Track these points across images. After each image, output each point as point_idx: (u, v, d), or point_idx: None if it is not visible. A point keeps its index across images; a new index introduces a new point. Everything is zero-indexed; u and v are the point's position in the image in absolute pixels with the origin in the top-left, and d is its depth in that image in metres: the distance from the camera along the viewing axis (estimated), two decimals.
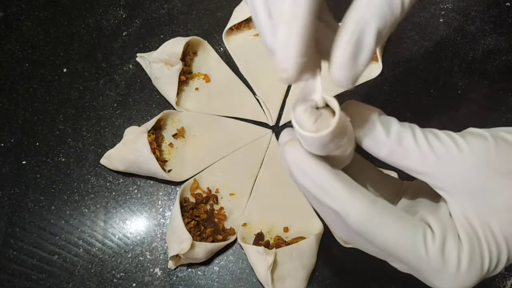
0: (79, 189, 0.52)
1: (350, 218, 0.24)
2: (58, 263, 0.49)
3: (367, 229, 0.24)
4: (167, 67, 0.54)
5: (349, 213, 0.24)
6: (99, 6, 0.62)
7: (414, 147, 0.24)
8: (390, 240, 0.24)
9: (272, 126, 0.56)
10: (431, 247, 0.24)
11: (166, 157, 0.53)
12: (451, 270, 0.24)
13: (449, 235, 0.24)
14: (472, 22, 0.59)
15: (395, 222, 0.24)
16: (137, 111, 0.56)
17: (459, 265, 0.24)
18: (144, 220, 0.51)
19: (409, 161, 0.24)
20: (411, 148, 0.24)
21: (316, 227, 0.49)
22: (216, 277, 0.49)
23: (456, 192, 0.24)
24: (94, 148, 0.54)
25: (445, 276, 0.24)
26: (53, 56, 0.59)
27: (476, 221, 0.24)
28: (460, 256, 0.24)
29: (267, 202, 0.51)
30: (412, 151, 0.24)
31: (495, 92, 0.55)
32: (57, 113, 0.56)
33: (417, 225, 0.24)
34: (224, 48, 0.59)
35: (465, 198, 0.24)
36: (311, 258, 0.48)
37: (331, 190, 0.24)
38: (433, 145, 0.24)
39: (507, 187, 0.23)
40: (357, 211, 0.23)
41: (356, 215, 0.23)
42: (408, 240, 0.24)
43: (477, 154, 0.24)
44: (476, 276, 0.24)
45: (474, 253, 0.24)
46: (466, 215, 0.24)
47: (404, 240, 0.24)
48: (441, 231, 0.24)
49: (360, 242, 0.26)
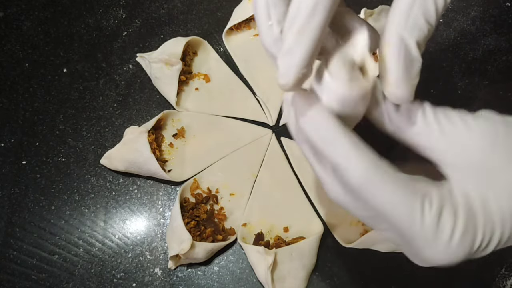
0: (79, 189, 0.53)
1: (351, 173, 0.23)
2: (58, 263, 0.49)
3: (366, 187, 0.23)
4: (167, 67, 0.54)
5: (350, 168, 0.23)
6: (99, 6, 0.62)
7: (422, 122, 0.24)
8: (387, 202, 0.23)
9: (272, 126, 0.56)
10: (428, 215, 0.23)
11: (166, 157, 0.53)
12: (443, 240, 0.24)
13: (447, 207, 0.24)
14: (472, 22, 0.59)
15: (396, 184, 0.23)
16: (137, 111, 0.56)
17: (452, 237, 0.24)
18: (144, 220, 0.51)
19: (416, 136, 0.25)
20: (419, 123, 0.24)
21: (316, 227, 0.49)
22: (216, 277, 0.49)
23: (460, 169, 0.24)
24: (94, 148, 0.54)
25: (436, 247, 0.24)
26: (53, 56, 0.59)
27: (476, 199, 0.24)
28: (455, 228, 0.24)
29: (267, 202, 0.51)
30: (419, 126, 0.24)
31: (495, 92, 0.55)
32: (57, 113, 0.56)
33: (417, 191, 0.24)
34: (224, 48, 0.59)
35: (468, 176, 0.24)
36: (311, 258, 0.48)
37: (337, 142, 0.23)
38: (442, 121, 0.24)
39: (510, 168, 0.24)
40: (359, 167, 0.23)
41: (358, 171, 0.23)
42: (405, 204, 0.23)
43: (484, 134, 0.24)
44: (465, 252, 0.24)
45: (468, 227, 0.24)
46: (466, 192, 0.24)
47: (402, 204, 0.23)
48: (440, 202, 0.24)
49: (353, 204, 0.26)
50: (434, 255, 0.24)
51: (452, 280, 0.48)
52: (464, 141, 0.24)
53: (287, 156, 0.54)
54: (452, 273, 0.48)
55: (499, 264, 0.48)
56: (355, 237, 0.48)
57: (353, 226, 0.49)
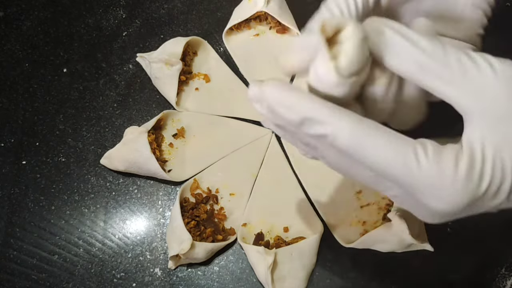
0: (79, 189, 0.53)
1: (339, 140, 0.23)
2: (58, 263, 0.49)
3: (356, 148, 0.23)
4: (167, 67, 0.54)
5: (337, 135, 0.23)
6: (99, 6, 0.62)
7: (444, 61, 0.23)
8: (380, 157, 0.23)
9: None
10: (423, 160, 0.23)
11: (166, 157, 0.53)
12: (447, 179, 0.23)
13: (448, 149, 0.23)
14: None
15: (384, 138, 0.23)
16: (137, 111, 0.56)
17: (455, 176, 0.23)
18: (144, 220, 0.51)
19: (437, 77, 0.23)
20: (441, 63, 0.23)
21: (316, 227, 0.49)
22: (216, 277, 0.49)
23: (479, 115, 0.23)
24: (94, 148, 0.54)
25: (441, 190, 0.23)
26: (53, 56, 0.59)
27: (489, 146, 0.23)
28: (458, 166, 0.23)
29: (267, 202, 0.51)
30: (441, 66, 0.23)
31: None
32: (57, 113, 0.56)
33: (408, 141, 0.23)
34: (224, 48, 0.59)
35: (486, 123, 0.23)
36: (311, 258, 0.48)
37: (317, 116, 0.24)
38: (465, 63, 0.23)
39: None
40: (344, 131, 0.23)
41: (344, 135, 0.23)
42: (398, 154, 0.23)
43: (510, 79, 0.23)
44: (472, 193, 0.23)
45: (473, 168, 0.23)
46: (482, 136, 0.23)
47: (395, 155, 0.23)
48: (438, 147, 0.23)
49: (353, 168, 0.26)
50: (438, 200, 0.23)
51: (452, 280, 0.48)
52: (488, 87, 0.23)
53: (287, 156, 0.54)
54: (452, 273, 0.48)
55: (499, 264, 0.48)
56: (355, 237, 0.48)
57: (353, 226, 0.49)
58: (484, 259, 0.48)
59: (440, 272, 0.48)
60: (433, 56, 0.23)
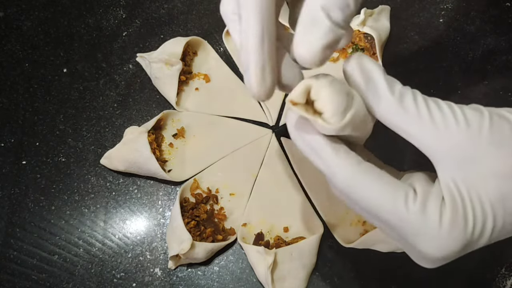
0: (79, 189, 0.53)
1: (335, 179, 0.25)
2: (58, 263, 0.49)
3: (351, 189, 0.25)
4: (167, 67, 0.54)
5: (334, 174, 0.25)
6: (99, 6, 0.62)
7: (413, 108, 0.25)
8: (372, 200, 0.25)
9: (272, 126, 0.56)
10: (412, 207, 0.24)
11: (166, 157, 0.53)
12: (432, 230, 0.24)
13: (432, 197, 0.25)
14: (472, 22, 0.59)
15: (377, 182, 0.25)
16: (137, 111, 0.56)
17: (441, 225, 0.24)
18: (144, 220, 0.51)
19: (406, 122, 0.25)
20: (410, 108, 0.25)
21: (316, 227, 0.49)
22: (216, 277, 0.49)
23: (447, 158, 0.25)
24: (94, 148, 0.54)
25: (428, 238, 0.24)
26: (53, 56, 0.59)
27: (463, 186, 0.24)
28: (442, 216, 0.24)
29: (267, 202, 0.51)
30: (410, 112, 0.25)
31: (495, 92, 0.55)
32: (57, 113, 0.56)
33: (400, 186, 0.25)
34: (224, 48, 0.59)
35: (454, 164, 0.25)
36: (311, 258, 0.48)
37: (321, 153, 0.26)
38: (432, 110, 0.25)
39: (496, 155, 0.24)
40: (341, 172, 0.25)
41: (341, 176, 0.25)
42: (389, 200, 0.24)
43: (471, 125, 0.24)
44: (459, 239, 0.24)
45: (457, 214, 0.24)
46: (454, 180, 0.25)
47: (386, 200, 0.24)
48: (424, 192, 0.25)
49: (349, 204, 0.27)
50: (429, 248, 0.24)
51: (452, 280, 0.48)
52: (451, 131, 0.24)
53: (287, 156, 0.54)
54: (452, 273, 0.48)
55: (499, 264, 0.48)
56: (355, 237, 0.48)
57: (353, 226, 0.49)
58: (484, 259, 0.48)
59: (440, 272, 0.48)
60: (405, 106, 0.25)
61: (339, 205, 0.50)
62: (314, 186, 0.51)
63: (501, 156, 0.24)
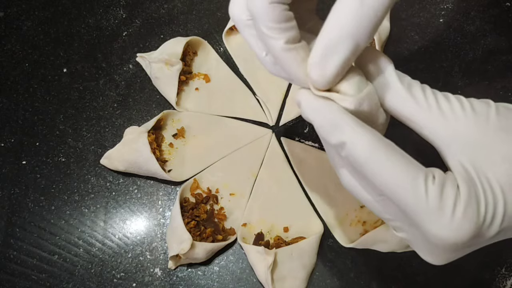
0: (79, 189, 0.53)
1: (357, 149, 0.25)
2: (58, 263, 0.49)
3: (371, 162, 0.24)
4: (167, 67, 0.54)
5: (356, 143, 0.25)
6: (99, 6, 0.62)
7: (422, 97, 0.26)
8: (392, 176, 0.24)
9: (272, 126, 0.56)
10: (431, 188, 0.24)
11: (166, 157, 0.53)
12: (447, 213, 0.24)
13: (449, 182, 0.25)
14: (472, 22, 0.59)
15: (400, 158, 0.25)
16: (137, 111, 0.56)
17: (455, 209, 0.24)
18: (144, 220, 0.51)
19: (415, 110, 0.26)
20: (419, 98, 0.26)
21: (316, 227, 0.49)
22: (216, 277, 0.49)
23: (455, 145, 0.25)
24: (94, 148, 0.54)
25: (441, 220, 0.24)
26: (53, 56, 0.59)
27: (473, 171, 0.25)
28: (457, 200, 0.24)
29: (267, 202, 0.51)
30: (419, 100, 0.26)
31: (495, 92, 0.55)
32: (57, 113, 0.56)
33: (421, 167, 0.25)
34: (224, 48, 0.59)
35: (463, 150, 0.25)
36: (311, 258, 0.48)
37: (341, 122, 0.25)
38: (440, 100, 0.26)
39: (504, 140, 0.25)
40: (364, 142, 0.24)
41: (363, 146, 0.24)
42: (409, 177, 0.24)
43: (478, 113, 0.25)
44: (471, 224, 0.24)
45: (470, 199, 0.24)
46: (464, 166, 0.25)
47: (406, 177, 0.24)
48: (442, 177, 0.25)
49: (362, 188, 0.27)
50: (441, 231, 0.24)
51: (452, 280, 0.48)
52: (459, 119, 0.25)
53: (287, 156, 0.54)
54: (452, 273, 0.48)
55: (499, 264, 0.49)
56: (355, 237, 0.48)
57: (353, 226, 0.49)
58: (484, 259, 0.48)
59: (440, 272, 0.48)
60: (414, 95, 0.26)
61: (339, 205, 0.50)
62: (314, 186, 0.51)
63: (509, 141, 0.25)
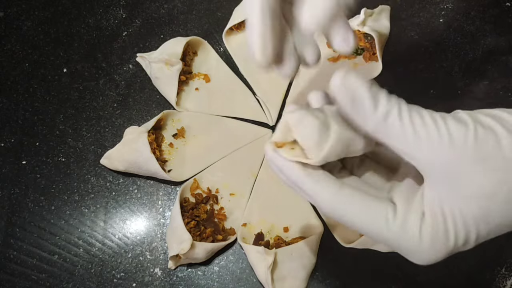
0: (79, 189, 0.53)
1: (319, 206, 0.27)
2: (58, 263, 0.49)
3: (336, 214, 0.27)
4: (167, 67, 0.54)
5: (317, 202, 0.27)
6: (99, 6, 0.62)
7: (398, 125, 0.24)
8: (356, 220, 0.27)
9: (272, 126, 0.56)
10: (392, 225, 0.25)
11: (166, 157, 0.53)
12: (413, 244, 0.25)
13: (412, 213, 0.26)
14: (472, 22, 0.59)
15: (359, 204, 0.26)
16: (137, 111, 0.56)
17: (421, 239, 0.25)
18: (144, 220, 0.51)
19: (393, 139, 0.25)
20: (395, 126, 0.25)
21: (316, 227, 0.49)
22: (216, 277, 0.49)
23: (432, 174, 0.25)
24: (94, 148, 0.54)
25: (410, 251, 0.26)
26: (53, 56, 0.59)
27: (446, 203, 0.25)
28: (422, 231, 0.25)
29: (267, 202, 0.51)
30: (396, 129, 0.25)
31: (495, 92, 0.55)
32: (57, 113, 0.56)
33: (379, 205, 0.26)
34: (224, 48, 0.59)
35: (439, 180, 0.25)
36: (311, 258, 0.48)
37: (301, 185, 0.27)
38: (416, 125, 0.24)
39: (478, 172, 0.24)
40: (324, 198, 0.27)
41: (323, 202, 0.27)
42: (370, 220, 0.26)
43: (455, 141, 0.24)
44: (441, 251, 0.25)
45: (437, 229, 0.25)
46: (438, 196, 0.25)
47: (367, 220, 0.26)
48: (404, 210, 0.26)
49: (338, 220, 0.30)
50: (413, 259, 0.26)
51: (452, 280, 0.48)
52: (435, 148, 0.24)
53: None
54: (452, 273, 0.48)
55: (499, 264, 0.48)
56: (355, 237, 0.48)
57: None
58: (484, 259, 0.48)
59: (440, 272, 0.48)
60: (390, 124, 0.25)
61: None
62: None
63: (485, 173, 0.24)
